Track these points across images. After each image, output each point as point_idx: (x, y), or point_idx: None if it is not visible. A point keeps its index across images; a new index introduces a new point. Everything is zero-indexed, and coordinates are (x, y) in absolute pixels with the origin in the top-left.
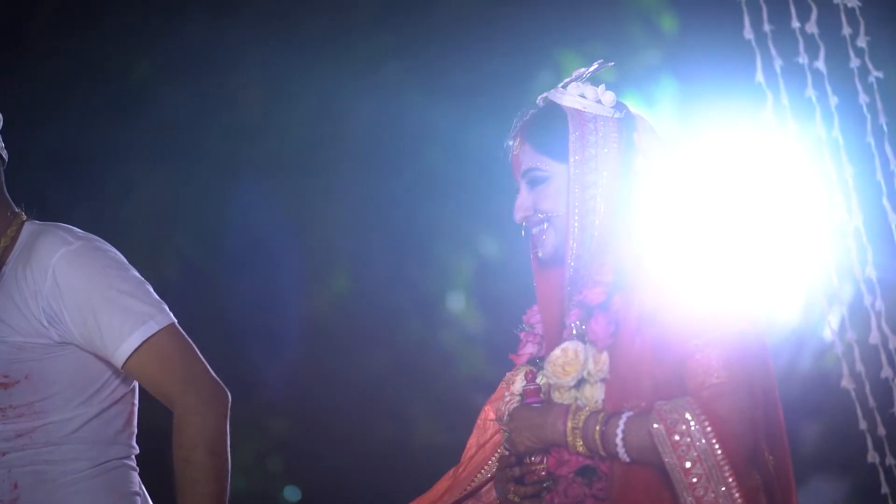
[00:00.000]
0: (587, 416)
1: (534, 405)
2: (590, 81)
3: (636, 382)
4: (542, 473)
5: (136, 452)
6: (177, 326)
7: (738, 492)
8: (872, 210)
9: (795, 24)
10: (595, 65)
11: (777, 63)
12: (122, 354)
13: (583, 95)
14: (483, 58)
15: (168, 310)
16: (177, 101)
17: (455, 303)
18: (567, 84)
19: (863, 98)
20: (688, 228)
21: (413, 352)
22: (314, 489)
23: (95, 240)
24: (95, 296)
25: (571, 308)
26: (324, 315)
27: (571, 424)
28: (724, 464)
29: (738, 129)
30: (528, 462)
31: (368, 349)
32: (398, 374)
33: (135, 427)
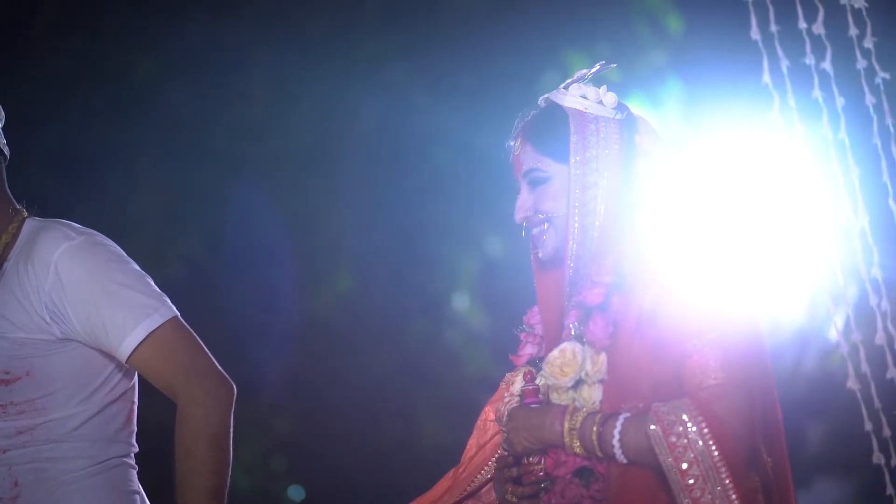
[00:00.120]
0: (584, 417)
1: (532, 406)
2: (595, 82)
3: (634, 383)
4: (540, 474)
5: (136, 451)
6: (180, 319)
7: (735, 493)
8: (878, 211)
9: (802, 25)
10: (597, 66)
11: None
12: (127, 348)
13: (584, 96)
14: (489, 58)
15: (170, 302)
16: (181, 101)
17: (460, 302)
18: (569, 85)
19: (869, 99)
20: (688, 230)
21: (418, 351)
22: (318, 488)
23: (96, 235)
24: (98, 290)
25: (570, 309)
26: (328, 314)
27: (569, 425)
28: (721, 465)
29: (745, 130)
30: (526, 463)
31: (373, 349)
32: (403, 374)
33: (135, 425)
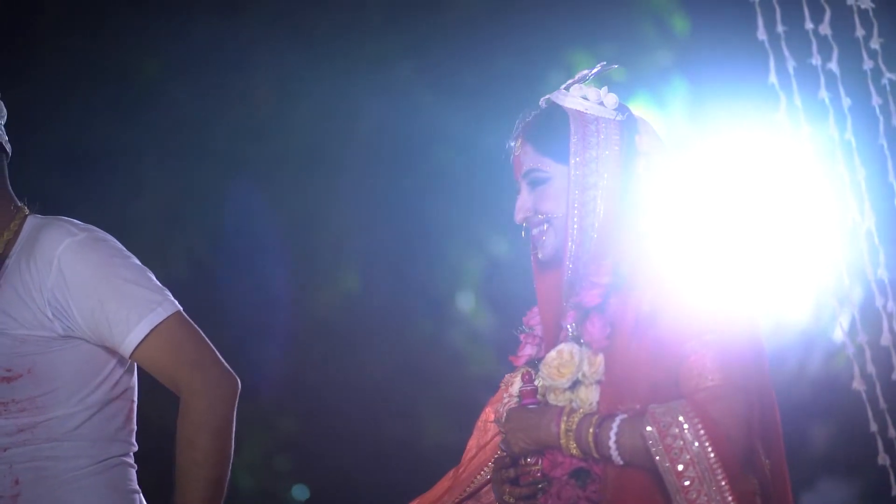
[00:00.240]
0: (581, 419)
1: (529, 407)
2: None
3: (631, 385)
4: (537, 475)
5: (135, 450)
6: (183, 314)
7: (731, 495)
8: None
9: (809, 26)
10: (597, 67)
11: (790, 64)
12: (131, 343)
13: (585, 97)
14: (493, 58)
15: (172, 297)
16: (183, 100)
17: (464, 302)
18: (569, 86)
19: (876, 100)
20: (688, 231)
21: (421, 351)
22: (322, 488)
23: (98, 231)
24: (102, 286)
25: (568, 310)
26: (331, 314)
27: (565, 426)
28: (717, 467)
29: (751, 131)
30: (524, 464)
31: (377, 348)
32: (406, 374)
33: (134, 424)
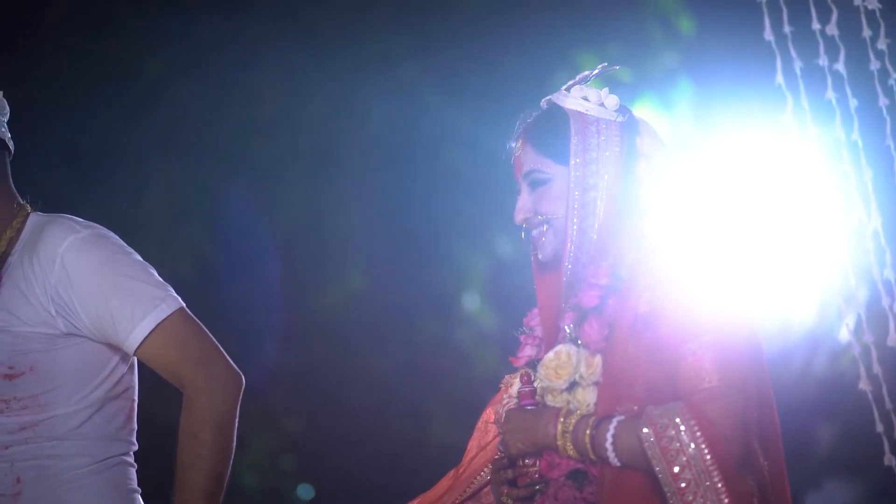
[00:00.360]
0: (578, 420)
1: (527, 408)
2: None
3: (629, 386)
4: (535, 476)
5: (136, 449)
6: (186, 310)
7: (727, 497)
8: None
9: (816, 26)
10: (598, 68)
11: (797, 65)
12: (136, 339)
13: (586, 98)
14: (500, 58)
15: (175, 293)
16: (190, 99)
17: (471, 302)
18: (570, 87)
19: (883, 101)
20: (687, 233)
21: (428, 351)
22: (328, 487)
23: (100, 228)
24: (106, 282)
25: (566, 311)
26: (339, 313)
27: (562, 428)
28: (714, 469)
29: (757, 132)
30: (521, 465)
31: (383, 348)
32: (413, 373)
33: (135, 423)
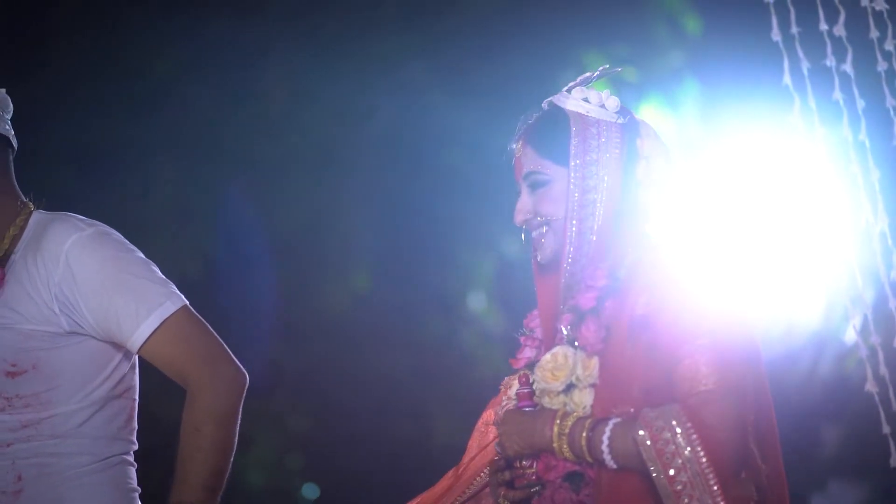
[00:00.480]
0: (574, 422)
1: (525, 409)
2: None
3: (626, 388)
4: (532, 478)
5: (136, 448)
6: (190, 308)
7: (723, 500)
8: None
9: (823, 27)
10: (598, 70)
11: (804, 65)
12: (140, 337)
13: (586, 100)
14: (505, 58)
15: (178, 291)
16: (197, 98)
17: (476, 302)
18: (571, 88)
19: (890, 101)
20: (687, 235)
21: (434, 351)
22: (333, 487)
23: (103, 226)
24: (110, 280)
25: (564, 313)
26: (344, 314)
27: (558, 430)
28: (709, 472)
29: (765, 132)
30: (518, 466)
31: (389, 348)
32: (418, 374)
33: (135, 423)
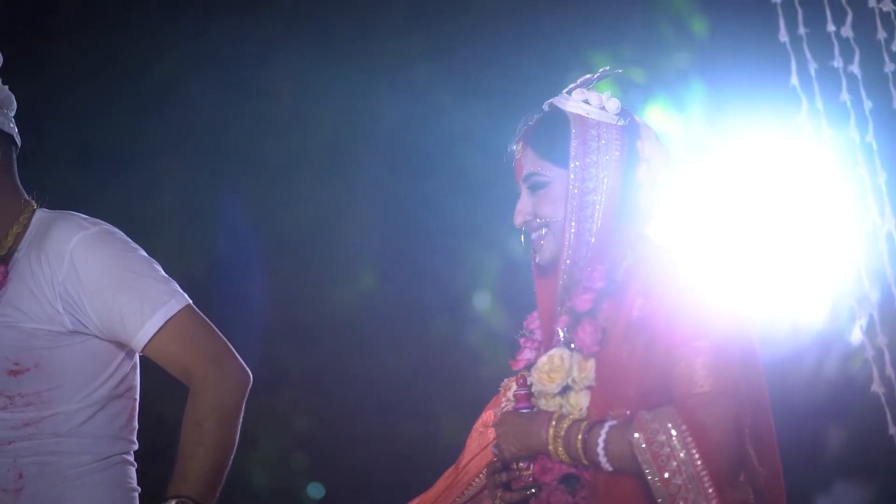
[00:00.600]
0: (570, 425)
1: (522, 411)
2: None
3: (622, 390)
4: (529, 480)
5: (136, 448)
6: (194, 307)
7: (718, 503)
8: None
9: (831, 28)
10: (599, 72)
11: (812, 66)
12: (145, 335)
13: (587, 101)
14: (513, 58)
15: (181, 289)
16: (204, 97)
17: (482, 302)
18: (572, 90)
19: None
20: (685, 237)
21: (440, 350)
22: (338, 486)
23: (106, 224)
24: (115, 279)
25: (561, 315)
26: (350, 313)
27: (553, 432)
28: (704, 474)
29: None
30: (515, 468)
31: (395, 347)
32: (424, 373)
33: (136, 423)
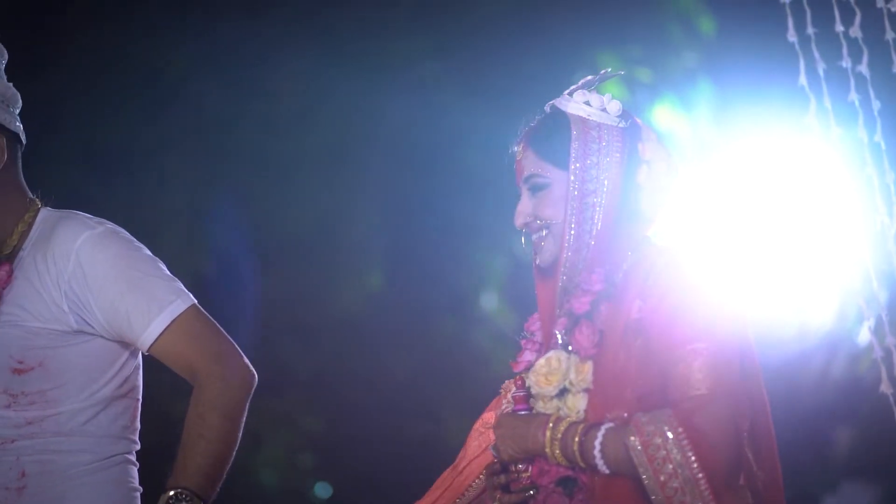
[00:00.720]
0: (567, 427)
1: (520, 413)
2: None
3: (619, 393)
4: (527, 482)
5: (138, 448)
6: (199, 306)
7: None
8: None
9: (839, 28)
10: (600, 74)
11: (820, 66)
12: (152, 334)
13: (588, 103)
14: (519, 58)
15: (186, 289)
16: (210, 96)
17: (488, 302)
18: (573, 91)
19: None
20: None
21: (446, 350)
22: (345, 486)
23: (111, 224)
24: (122, 279)
25: (560, 317)
26: (357, 313)
27: (550, 435)
28: (701, 477)
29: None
30: (513, 470)
31: (401, 347)
32: (430, 373)
33: (138, 423)
